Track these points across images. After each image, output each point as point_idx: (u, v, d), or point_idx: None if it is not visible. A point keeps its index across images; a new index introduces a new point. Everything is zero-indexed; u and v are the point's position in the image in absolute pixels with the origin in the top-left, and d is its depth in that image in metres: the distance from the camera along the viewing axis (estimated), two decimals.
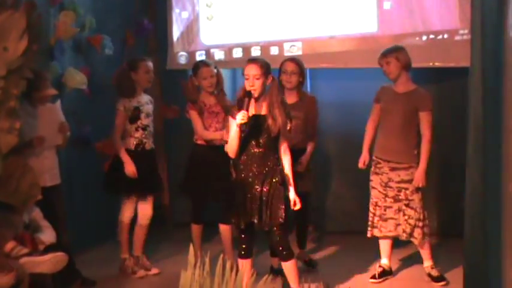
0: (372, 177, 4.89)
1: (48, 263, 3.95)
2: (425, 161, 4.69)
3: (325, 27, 5.76)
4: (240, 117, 4.08)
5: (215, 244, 5.37)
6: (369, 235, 4.92)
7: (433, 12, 5.35)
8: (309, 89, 6.11)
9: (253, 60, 4.28)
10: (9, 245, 3.97)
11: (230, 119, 4.27)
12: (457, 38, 5.27)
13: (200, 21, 6.24)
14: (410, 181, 4.74)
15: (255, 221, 4.18)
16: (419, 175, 4.70)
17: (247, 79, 4.19)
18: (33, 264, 3.92)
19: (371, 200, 4.89)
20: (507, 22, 3.47)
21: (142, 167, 5.08)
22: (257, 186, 4.18)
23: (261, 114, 4.20)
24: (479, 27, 3.95)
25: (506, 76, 3.50)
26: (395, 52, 4.77)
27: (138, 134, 5.11)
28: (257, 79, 4.15)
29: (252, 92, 4.17)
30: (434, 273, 4.82)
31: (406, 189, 4.75)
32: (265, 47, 5.97)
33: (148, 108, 5.17)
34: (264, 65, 4.20)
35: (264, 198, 4.16)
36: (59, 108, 4.85)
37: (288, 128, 4.27)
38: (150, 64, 5.17)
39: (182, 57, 6.22)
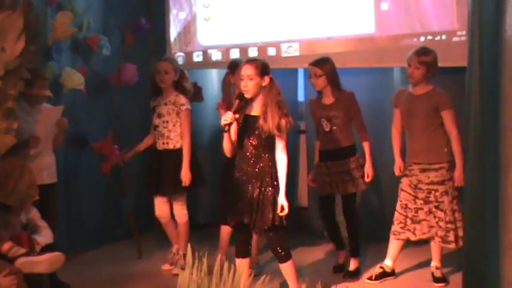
0: (402, 179, 4.83)
1: (45, 262, 3.92)
2: (461, 158, 4.58)
3: (322, 28, 5.75)
4: (224, 117, 4.09)
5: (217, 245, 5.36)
6: (401, 237, 4.80)
7: (430, 13, 5.34)
8: (303, 89, 6.12)
9: (249, 61, 4.22)
10: (6, 246, 3.94)
11: None
12: (455, 39, 5.26)
13: (197, 21, 6.23)
14: (439, 183, 4.67)
15: (245, 221, 4.14)
16: (459, 174, 4.61)
17: (241, 79, 4.16)
18: (31, 264, 3.90)
19: (399, 203, 4.81)
20: (504, 23, 3.48)
21: (152, 167, 5.19)
22: (249, 186, 4.14)
23: (253, 114, 4.16)
24: (477, 28, 3.96)
25: (503, 77, 3.51)
26: (425, 57, 4.68)
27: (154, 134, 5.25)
28: (250, 79, 4.10)
29: (245, 92, 4.13)
30: (438, 274, 4.79)
31: (436, 190, 4.68)
32: (262, 48, 5.96)
33: (163, 108, 5.15)
34: (260, 66, 4.12)
35: (254, 200, 4.12)
36: (59, 111, 4.82)
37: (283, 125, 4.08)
38: (160, 64, 5.18)
39: (179, 58, 6.21)
